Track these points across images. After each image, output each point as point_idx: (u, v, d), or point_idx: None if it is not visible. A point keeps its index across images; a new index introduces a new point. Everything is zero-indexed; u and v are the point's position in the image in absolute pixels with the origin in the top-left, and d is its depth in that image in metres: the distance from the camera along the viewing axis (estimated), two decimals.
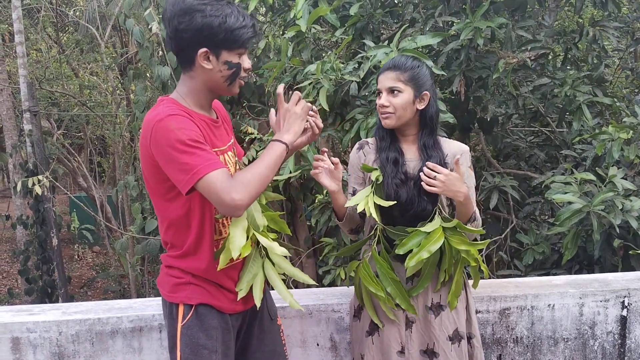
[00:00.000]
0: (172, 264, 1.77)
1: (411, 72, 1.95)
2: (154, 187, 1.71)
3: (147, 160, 1.66)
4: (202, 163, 1.55)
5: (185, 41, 1.64)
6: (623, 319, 2.50)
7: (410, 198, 1.95)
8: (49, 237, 6.83)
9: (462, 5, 3.83)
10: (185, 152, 1.55)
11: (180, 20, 1.61)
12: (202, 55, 1.64)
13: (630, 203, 3.13)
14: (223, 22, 1.62)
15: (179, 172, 1.56)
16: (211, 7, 1.62)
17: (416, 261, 1.83)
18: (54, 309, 2.35)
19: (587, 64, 4.59)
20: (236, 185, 1.56)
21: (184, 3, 1.62)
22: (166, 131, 1.56)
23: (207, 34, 1.62)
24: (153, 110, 1.65)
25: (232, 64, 1.68)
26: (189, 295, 1.74)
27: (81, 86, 10.86)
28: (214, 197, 1.55)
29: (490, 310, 2.42)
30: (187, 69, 1.70)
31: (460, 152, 2.02)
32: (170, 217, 1.72)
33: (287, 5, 4.29)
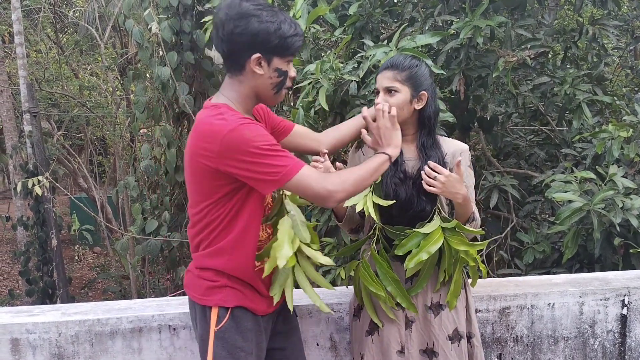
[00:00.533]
0: (206, 264, 1.76)
1: (409, 71, 1.94)
2: (200, 191, 1.72)
3: (201, 166, 1.66)
4: (289, 163, 1.62)
5: (239, 45, 1.64)
6: (623, 318, 2.49)
7: (409, 197, 1.95)
8: (49, 238, 6.83)
9: (461, 4, 3.83)
10: (269, 156, 1.60)
11: (236, 23, 1.62)
12: (255, 61, 1.66)
13: (631, 201, 3.12)
14: (278, 29, 1.64)
15: (265, 175, 1.61)
16: (267, 13, 1.63)
17: (415, 262, 1.83)
18: (53, 309, 2.35)
19: (587, 62, 4.59)
20: (333, 178, 1.68)
21: (241, 7, 1.63)
22: (242, 140, 1.58)
23: (262, 39, 1.63)
24: (214, 117, 1.64)
25: (282, 71, 1.71)
26: (225, 298, 1.75)
27: (81, 87, 10.86)
28: (309, 190, 1.65)
29: (490, 309, 2.42)
30: (235, 73, 1.71)
31: (460, 151, 2.02)
32: (212, 217, 1.73)
33: (286, 4, 4.28)
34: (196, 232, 1.78)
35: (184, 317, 2.26)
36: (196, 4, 5.11)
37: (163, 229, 4.97)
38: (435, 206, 1.94)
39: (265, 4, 1.66)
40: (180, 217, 5.35)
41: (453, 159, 1.99)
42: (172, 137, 5.04)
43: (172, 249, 5.09)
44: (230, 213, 1.72)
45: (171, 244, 5.04)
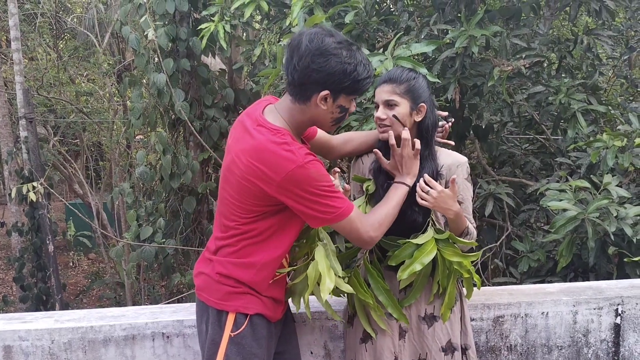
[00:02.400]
0: (231, 272, 1.79)
1: (407, 84, 1.93)
2: (243, 203, 1.74)
3: (254, 186, 1.69)
4: (343, 205, 1.73)
5: (312, 80, 1.67)
6: (617, 327, 2.50)
7: (403, 208, 1.95)
8: (44, 244, 6.80)
9: (457, 13, 3.85)
10: (327, 197, 1.70)
11: (314, 59, 1.64)
12: (322, 97, 1.69)
13: (625, 210, 3.14)
14: (353, 70, 1.67)
15: (319, 213, 1.71)
16: (347, 53, 1.66)
17: (409, 273, 1.83)
18: (46, 316, 2.34)
19: (582, 72, 4.61)
20: (373, 223, 1.79)
21: (323, 43, 1.65)
22: (308, 178, 1.66)
23: (337, 79, 1.66)
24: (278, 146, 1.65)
25: (344, 108, 1.75)
26: (245, 305, 1.78)
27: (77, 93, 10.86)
28: (355, 234, 1.77)
29: (484, 318, 2.42)
30: (299, 102, 1.73)
31: (457, 164, 2.01)
32: (249, 228, 1.76)
33: (282, 12, 4.30)
34: (227, 237, 1.80)
35: (177, 325, 2.25)
36: (193, 12, 5.13)
37: (158, 235, 4.96)
38: (428, 218, 1.94)
39: (345, 42, 1.68)
40: (175, 224, 5.34)
41: (449, 172, 1.99)
42: (168, 143, 5.04)
43: (166, 255, 5.08)
44: (269, 230, 1.76)
45: (166, 250, 5.03)
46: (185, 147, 5.40)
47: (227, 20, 4.04)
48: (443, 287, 1.95)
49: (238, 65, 5.50)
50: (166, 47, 4.87)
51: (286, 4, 4.24)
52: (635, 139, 3.49)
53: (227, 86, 5.45)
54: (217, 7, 4.14)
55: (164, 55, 4.92)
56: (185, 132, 5.49)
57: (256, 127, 1.72)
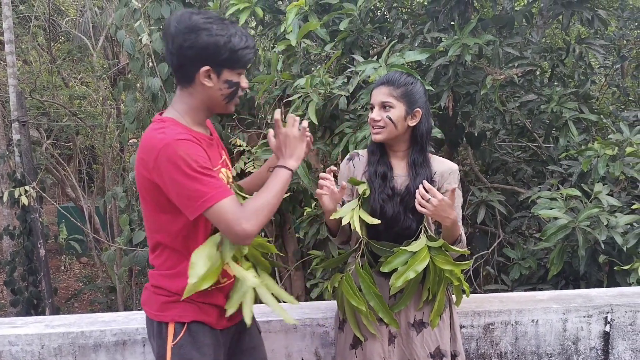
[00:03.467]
0: (161, 284, 1.73)
1: (404, 88, 1.95)
2: (151, 209, 1.69)
3: (144, 183, 1.64)
4: (212, 190, 1.56)
5: (188, 58, 1.63)
6: (606, 335, 2.51)
7: (396, 214, 1.95)
8: (35, 247, 6.77)
9: (450, 21, 3.88)
10: (194, 179, 1.55)
11: (185, 37, 1.62)
12: (204, 73, 1.64)
13: (616, 219, 3.16)
14: (228, 42, 1.63)
15: (187, 199, 1.57)
16: (217, 26, 1.62)
17: (403, 281, 1.83)
18: (36, 321, 2.33)
19: (574, 80, 4.65)
20: (246, 214, 1.58)
21: (190, 20, 1.62)
22: (174, 157, 1.55)
23: (212, 52, 1.62)
24: (155, 131, 1.62)
25: (232, 82, 1.69)
26: (181, 313, 1.71)
27: (71, 96, 10.83)
28: (224, 225, 1.58)
29: (474, 325, 2.43)
30: (185, 86, 1.69)
31: (450, 171, 2.02)
32: (165, 239, 1.70)
33: (277, 19, 4.32)
34: (152, 249, 1.75)
35: None
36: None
37: None
38: (421, 224, 1.94)
39: (216, 17, 1.65)
40: None
41: (442, 178, 2.00)
42: None
43: None
44: (181, 234, 1.68)
45: None
46: None
47: None
48: (433, 294, 1.96)
49: None
50: (161, 52, 4.86)
51: (281, 11, 4.25)
52: (626, 147, 3.51)
53: None
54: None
55: (158, 60, 4.92)
56: None
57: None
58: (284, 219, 5.41)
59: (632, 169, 3.43)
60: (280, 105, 4.34)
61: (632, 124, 4.29)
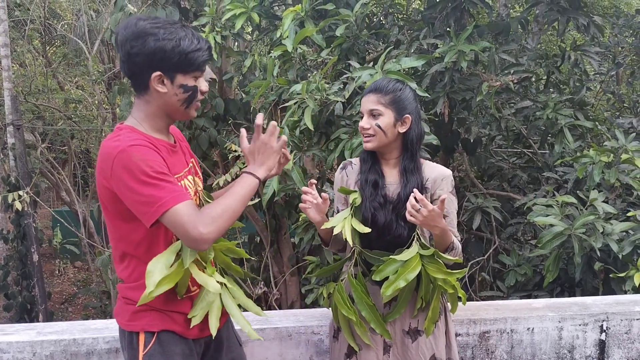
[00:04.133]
0: (129, 295, 1.69)
1: (393, 95, 1.94)
2: (112, 218, 1.66)
3: (104, 192, 1.61)
4: (167, 195, 1.52)
5: (137, 65, 1.60)
6: (602, 343, 2.50)
7: (388, 222, 1.94)
8: (29, 252, 6.73)
9: (446, 28, 3.89)
10: (149, 184, 1.51)
11: (132, 44, 1.58)
12: (156, 79, 1.61)
13: (611, 226, 3.16)
14: (177, 46, 1.58)
15: (143, 205, 1.52)
16: (164, 31, 1.58)
17: (393, 290, 1.82)
18: (28, 328, 2.31)
19: (569, 87, 4.67)
20: (204, 218, 1.53)
21: (136, 27, 1.59)
22: (128, 162, 1.51)
23: (160, 57, 1.58)
24: (111, 139, 1.59)
25: (188, 87, 1.64)
26: (150, 322, 1.67)
27: (66, 100, 10.80)
28: (180, 230, 1.52)
29: (470, 333, 2.42)
30: (141, 93, 1.66)
31: (442, 177, 2.01)
32: (127, 249, 1.67)
33: (273, 24, 4.32)
34: (117, 264, 1.72)
35: None
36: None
37: None
38: (414, 232, 1.93)
39: (164, 22, 1.61)
40: None
41: (434, 185, 1.99)
42: None
43: None
44: (142, 245, 1.65)
45: None
46: None
47: (218, 31, 4.05)
48: (426, 302, 1.95)
49: (228, 76, 5.49)
50: None
51: (277, 16, 4.25)
52: (621, 154, 3.52)
53: (217, 96, 5.43)
54: (208, 18, 4.14)
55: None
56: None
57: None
58: (279, 224, 5.40)
59: (628, 176, 3.44)
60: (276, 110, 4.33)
61: (627, 131, 4.30)
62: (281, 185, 3.55)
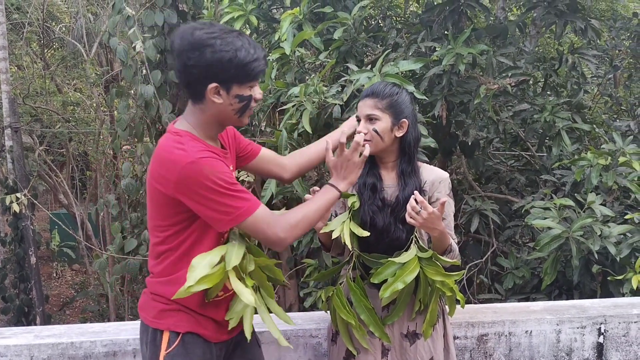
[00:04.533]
0: (159, 290, 1.73)
1: (389, 99, 1.94)
2: (157, 217, 1.70)
3: (158, 195, 1.65)
4: (244, 205, 1.62)
5: (194, 76, 1.61)
6: (599, 346, 2.51)
7: (387, 225, 1.95)
8: (27, 255, 6.71)
9: (444, 31, 3.89)
10: (224, 195, 1.59)
11: (189, 55, 1.59)
12: (212, 90, 1.63)
13: (609, 229, 3.16)
14: (234, 57, 1.59)
15: (219, 214, 1.61)
16: (221, 41, 1.59)
17: (391, 292, 1.82)
18: (25, 332, 2.31)
19: (567, 90, 4.67)
20: (283, 224, 1.66)
21: (193, 37, 1.59)
22: (200, 175, 1.57)
23: (217, 69, 1.59)
24: (174, 146, 1.61)
25: (244, 97, 1.67)
26: (177, 323, 1.71)
27: (64, 102, 10.78)
28: (260, 234, 1.66)
29: (468, 336, 2.42)
30: (196, 102, 1.68)
31: (440, 180, 2.02)
32: (168, 246, 1.70)
33: (271, 27, 4.32)
34: (153, 255, 1.76)
35: None
36: (182, 24, 5.12)
37: (142, 248, 4.91)
38: (412, 235, 1.94)
39: (220, 31, 1.61)
40: None
41: (432, 187, 2.00)
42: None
43: None
44: (186, 243, 1.69)
45: None
46: None
47: None
48: (425, 305, 1.95)
49: None
50: (154, 59, 4.85)
51: (275, 19, 4.26)
52: (619, 157, 3.52)
53: None
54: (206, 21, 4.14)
55: (151, 67, 4.91)
56: None
57: (162, 137, 1.70)
58: None
59: (625, 179, 3.44)
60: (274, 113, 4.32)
61: (625, 134, 4.31)
62: (279, 187, 3.55)
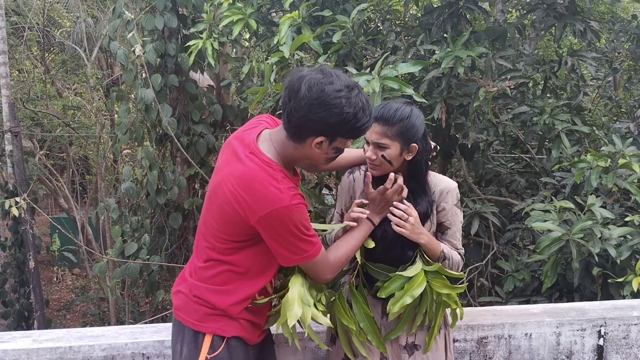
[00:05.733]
0: (206, 297, 1.77)
1: (400, 125, 1.84)
2: (219, 230, 1.74)
3: (234, 216, 1.68)
4: (311, 249, 1.74)
5: (308, 127, 1.64)
6: (600, 349, 2.50)
7: (395, 239, 1.93)
8: (27, 259, 6.71)
9: (443, 34, 3.90)
10: (300, 239, 1.70)
11: (313, 109, 1.60)
12: (318, 142, 1.67)
13: (609, 231, 3.15)
14: (352, 118, 1.63)
15: (289, 252, 1.72)
16: (346, 101, 1.61)
17: (400, 307, 1.82)
18: (24, 336, 2.30)
19: (566, 92, 4.67)
20: (332, 266, 1.81)
21: (323, 92, 1.59)
22: (289, 220, 1.66)
23: (335, 127, 1.64)
24: (270, 182, 1.64)
25: (340, 149, 1.73)
26: (223, 327, 1.76)
27: (65, 106, 10.79)
28: (313, 274, 1.80)
29: (467, 339, 2.41)
30: (295, 141, 1.69)
31: (448, 190, 1.99)
32: (223, 257, 1.76)
33: (270, 31, 4.33)
34: (205, 260, 1.79)
35: (157, 345, 2.22)
36: (181, 28, 5.14)
37: (143, 252, 4.91)
38: (416, 248, 1.93)
39: (346, 88, 1.61)
40: (160, 240, 5.30)
41: (440, 196, 1.98)
42: (154, 159, 5.01)
43: (151, 272, 5.02)
44: (247, 263, 1.76)
45: (150, 267, 4.98)
46: (172, 162, 5.38)
47: (215, 38, 4.05)
48: (430, 319, 1.94)
49: (226, 82, 5.50)
50: (154, 63, 4.86)
51: (274, 23, 4.26)
52: (618, 159, 3.52)
53: (215, 102, 5.44)
54: (205, 24, 4.15)
55: (152, 71, 4.92)
56: (172, 148, 5.47)
57: (248, 155, 1.68)
58: None
59: (625, 181, 3.43)
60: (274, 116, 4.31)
61: (624, 136, 4.30)
62: None
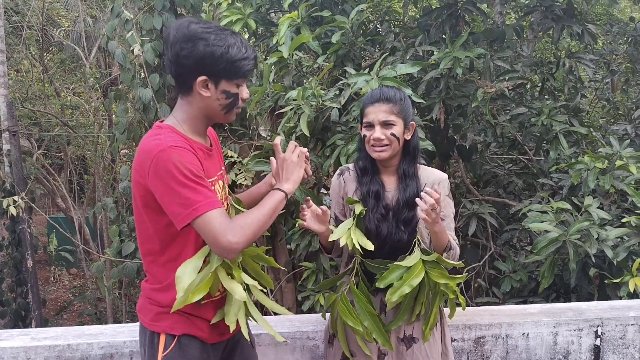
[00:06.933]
0: (152, 296, 1.74)
1: (401, 103, 1.95)
2: (142, 219, 1.69)
3: (140, 190, 1.65)
4: (203, 200, 1.57)
5: (185, 67, 1.64)
6: (596, 349, 2.51)
7: (390, 231, 1.95)
8: (24, 258, 6.70)
9: (442, 35, 3.91)
10: (186, 186, 1.56)
11: (182, 46, 1.62)
12: (201, 83, 1.65)
13: (606, 232, 3.17)
14: (225, 52, 1.62)
15: (178, 206, 1.57)
16: (215, 36, 1.62)
17: (398, 296, 1.82)
18: (22, 334, 2.30)
19: (564, 94, 4.69)
20: (234, 227, 1.59)
21: (188, 29, 1.62)
22: (168, 163, 1.56)
23: (208, 62, 1.62)
24: (152, 137, 1.63)
25: (230, 93, 1.69)
26: (172, 325, 1.72)
27: (63, 106, 10.79)
28: (210, 236, 1.58)
29: (465, 338, 2.42)
30: (184, 95, 1.70)
31: (439, 180, 2.02)
32: (154, 249, 1.70)
33: (270, 31, 4.33)
34: (147, 263, 1.76)
35: None
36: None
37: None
38: (413, 237, 1.94)
39: (215, 27, 1.65)
40: None
41: (432, 188, 2.00)
42: None
43: None
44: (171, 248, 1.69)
45: None
46: None
47: None
48: (426, 308, 1.95)
49: None
50: (153, 63, 4.86)
51: (273, 23, 4.27)
52: (616, 161, 3.53)
53: None
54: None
55: (150, 71, 4.91)
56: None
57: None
58: (275, 230, 5.39)
59: (622, 182, 3.45)
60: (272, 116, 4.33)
61: (622, 138, 4.32)
62: None
